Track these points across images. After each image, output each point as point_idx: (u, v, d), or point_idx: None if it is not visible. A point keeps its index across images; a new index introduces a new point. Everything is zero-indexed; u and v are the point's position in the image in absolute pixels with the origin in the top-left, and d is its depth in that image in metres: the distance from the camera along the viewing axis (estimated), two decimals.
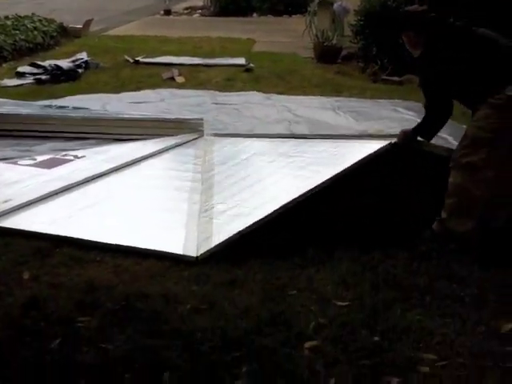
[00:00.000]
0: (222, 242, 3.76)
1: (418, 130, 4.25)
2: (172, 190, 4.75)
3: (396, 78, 8.64)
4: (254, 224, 3.84)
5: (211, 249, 3.72)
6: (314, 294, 3.36)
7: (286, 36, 12.92)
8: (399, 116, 6.74)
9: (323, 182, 4.04)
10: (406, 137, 4.26)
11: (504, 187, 3.88)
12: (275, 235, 3.90)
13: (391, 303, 3.26)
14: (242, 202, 4.23)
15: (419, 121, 4.38)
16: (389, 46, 8.94)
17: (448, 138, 5.85)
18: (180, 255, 3.72)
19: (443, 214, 3.96)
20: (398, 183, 4.33)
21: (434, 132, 4.24)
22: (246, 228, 3.81)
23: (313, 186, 4.03)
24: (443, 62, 3.96)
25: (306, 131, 6.09)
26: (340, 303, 3.28)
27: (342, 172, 4.09)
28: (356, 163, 4.12)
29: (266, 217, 3.88)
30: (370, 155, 4.16)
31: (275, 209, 3.92)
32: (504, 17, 7.41)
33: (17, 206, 4.30)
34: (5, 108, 6.51)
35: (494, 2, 7.77)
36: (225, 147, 5.51)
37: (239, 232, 3.79)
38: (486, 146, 3.82)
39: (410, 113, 6.79)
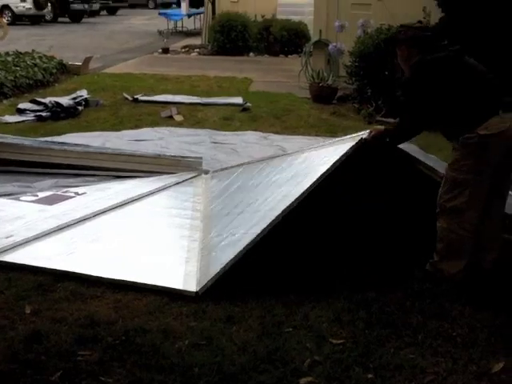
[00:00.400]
0: (215, 276, 3.80)
1: (390, 133, 4.33)
2: (172, 227, 4.85)
3: (391, 120, 8.78)
4: (239, 253, 3.87)
5: (207, 283, 3.78)
6: (310, 332, 3.45)
7: (283, 76, 13.14)
8: None
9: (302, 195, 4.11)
10: (378, 136, 4.30)
11: (488, 226, 4.00)
12: (269, 264, 4.05)
13: (384, 341, 3.36)
14: (234, 229, 4.29)
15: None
16: (383, 87, 9.15)
17: None
18: (180, 290, 3.80)
19: (435, 257, 4.07)
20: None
21: (403, 140, 4.40)
22: (233, 258, 3.84)
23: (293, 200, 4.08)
24: (428, 84, 4.04)
25: None
26: (335, 341, 3.36)
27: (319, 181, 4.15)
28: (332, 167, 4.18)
29: (251, 242, 3.91)
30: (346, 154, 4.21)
31: (258, 233, 3.96)
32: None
33: (19, 241, 4.40)
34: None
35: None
36: (219, 181, 5.64)
37: (226, 264, 3.83)
38: (467, 187, 3.93)
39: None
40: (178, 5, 31.70)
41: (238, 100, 10.04)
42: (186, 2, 24.06)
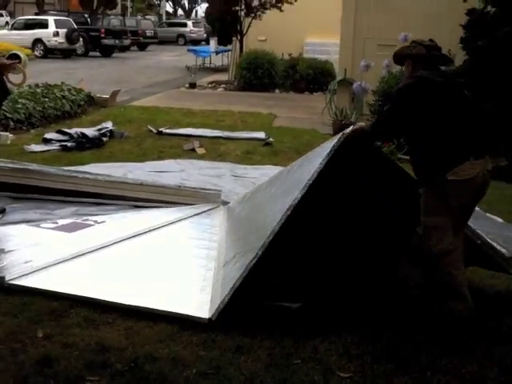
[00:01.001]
0: (225, 300, 3.79)
1: (373, 131, 4.18)
2: (189, 256, 4.88)
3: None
4: (241, 276, 3.84)
5: (218, 308, 3.78)
6: (318, 364, 3.44)
7: (306, 112, 13.27)
8: None
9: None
10: (358, 130, 4.20)
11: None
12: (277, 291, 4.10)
13: (392, 376, 3.34)
14: (238, 254, 4.28)
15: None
16: None
17: None
18: (193, 317, 3.81)
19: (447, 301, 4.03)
20: None
21: (374, 140, 4.45)
22: (238, 279, 3.83)
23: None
24: (416, 101, 3.93)
25: None
26: (343, 374, 3.36)
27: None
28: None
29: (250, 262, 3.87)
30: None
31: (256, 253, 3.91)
32: None
33: (36, 266, 4.46)
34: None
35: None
36: (233, 211, 5.72)
37: (234, 288, 3.82)
38: (448, 229, 3.92)
39: None
40: (207, 42, 32.33)
41: (261, 135, 10.14)
42: (215, 39, 24.50)
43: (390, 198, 4.44)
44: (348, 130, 4.23)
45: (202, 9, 69.38)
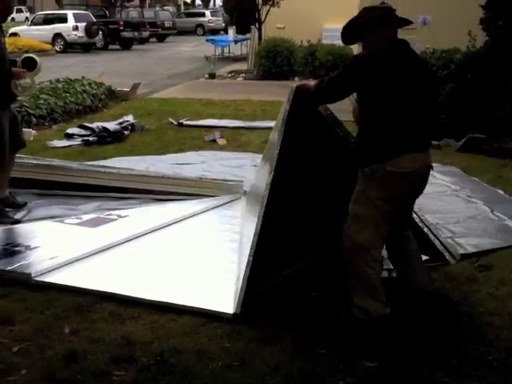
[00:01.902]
0: (244, 294, 3.80)
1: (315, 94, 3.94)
2: (212, 249, 4.90)
3: (434, 142, 8.71)
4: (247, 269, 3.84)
5: (242, 303, 3.79)
6: (343, 353, 3.44)
7: None
8: (433, 181, 6.74)
9: None
10: (303, 87, 4.08)
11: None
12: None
13: (419, 366, 3.32)
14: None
15: None
16: None
17: (479, 202, 5.94)
18: (218, 312, 3.83)
19: (354, 297, 3.78)
20: None
21: (316, 102, 4.11)
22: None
23: None
24: (366, 77, 3.65)
25: None
26: (368, 363, 3.35)
27: None
28: None
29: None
30: None
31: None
32: None
33: (62, 262, 4.51)
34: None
35: None
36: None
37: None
38: (370, 223, 3.66)
39: (446, 178, 6.88)
40: (226, 31, 32.26)
41: None
42: (233, 28, 24.45)
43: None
44: (294, 85, 4.07)
45: None
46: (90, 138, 8.87)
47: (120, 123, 9.63)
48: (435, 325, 3.72)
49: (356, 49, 14.11)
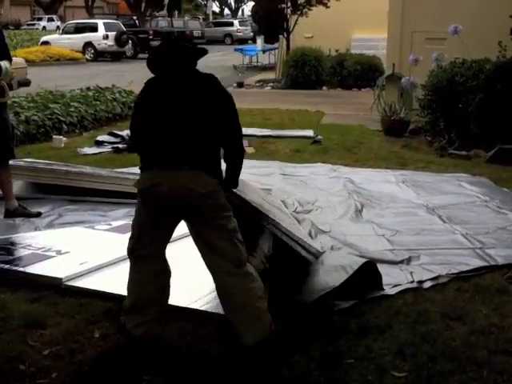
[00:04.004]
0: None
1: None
2: None
3: (463, 153, 8.68)
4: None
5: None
6: (372, 364, 3.42)
7: (355, 109, 13.18)
8: (463, 191, 6.77)
9: None
10: None
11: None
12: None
13: (448, 375, 3.30)
14: None
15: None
16: (456, 120, 9.06)
17: (509, 213, 5.90)
18: None
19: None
20: None
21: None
22: None
23: None
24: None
25: (364, 202, 6.38)
26: (397, 374, 3.33)
27: None
28: None
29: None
30: None
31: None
32: None
33: (91, 268, 4.56)
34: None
35: None
36: None
37: None
38: (139, 236, 3.66)
39: (475, 188, 6.83)
40: (254, 41, 32.38)
41: (309, 132, 10.12)
42: (262, 38, 24.54)
43: None
44: None
45: (248, 7, 69.67)
46: (120, 146, 8.95)
47: None
48: (466, 336, 3.69)
49: (385, 60, 14.09)
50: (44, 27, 53.95)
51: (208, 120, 3.48)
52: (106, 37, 29.74)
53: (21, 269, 4.55)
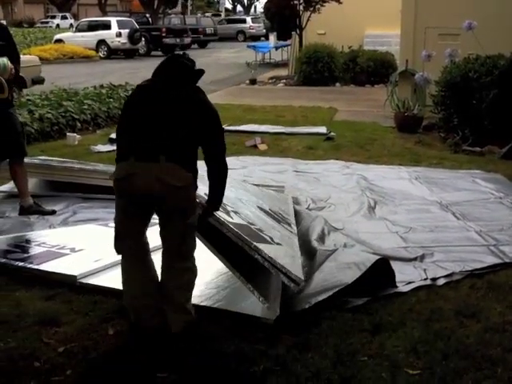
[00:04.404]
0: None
1: None
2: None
3: (477, 149, 8.64)
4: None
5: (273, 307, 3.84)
6: (386, 361, 3.42)
7: (368, 105, 13.15)
8: (477, 188, 6.74)
9: None
10: None
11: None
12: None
13: (462, 373, 3.29)
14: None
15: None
16: (470, 116, 9.01)
17: None
18: (259, 317, 3.85)
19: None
20: None
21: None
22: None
23: None
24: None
25: (377, 199, 6.37)
26: (411, 371, 3.33)
27: None
28: None
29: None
30: None
31: None
32: None
33: (106, 265, 4.58)
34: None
35: None
36: None
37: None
38: (122, 228, 3.74)
39: (489, 185, 6.80)
40: (266, 37, 32.36)
41: (322, 129, 10.11)
42: (274, 34, 24.51)
43: None
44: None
45: (260, 4, 69.73)
46: None
47: None
48: (480, 334, 3.67)
49: (398, 56, 14.04)
50: (57, 25, 54.18)
51: (190, 123, 3.55)
52: (119, 34, 29.81)
53: (35, 266, 4.59)
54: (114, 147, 8.64)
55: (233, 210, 4.34)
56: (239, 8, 79.72)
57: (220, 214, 3.94)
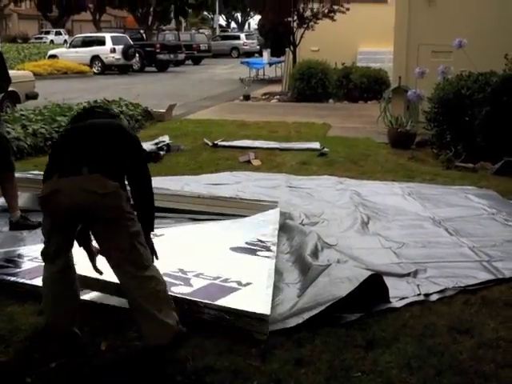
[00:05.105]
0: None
1: None
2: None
3: (470, 165, 8.67)
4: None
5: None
6: (379, 377, 3.41)
7: (361, 122, 13.20)
8: (469, 204, 6.75)
9: None
10: None
11: None
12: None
13: None
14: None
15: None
16: (463, 132, 9.06)
17: None
18: (251, 332, 3.83)
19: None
20: None
21: None
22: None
23: None
24: None
25: (370, 214, 6.38)
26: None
27: None
28: None
29: None
30: None
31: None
32: None
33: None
34: None
35: None
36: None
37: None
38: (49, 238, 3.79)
39: (482, 201, 6.81)
40: (260, 54, 32.52)
41: (316, 145, 10.13)
42: (268, 51, 24.64)
43: None
44: None
45: (254, 21, 70.06)
46: None
47: (156, 143, 9.74)
48: (473, 350, 3.67)
49: (391, 72, 14.12)
50: (52, 41, 54.34)
51: (111, 146, 3.71)
52: (113, 50, 29.90)
53: (28, 281, 4.55)
54: None
55: (194, 274, 4.52)
56: (233, 25, 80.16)
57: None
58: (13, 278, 4.61)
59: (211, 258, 4.99)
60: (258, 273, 4.62)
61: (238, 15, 79.25)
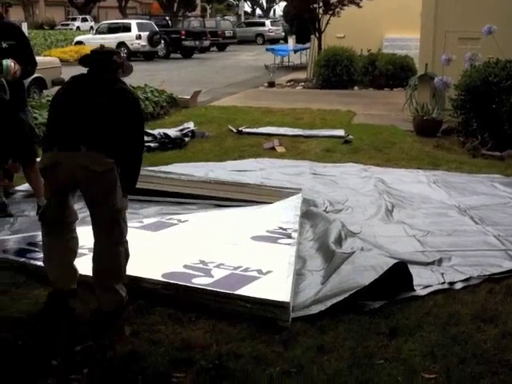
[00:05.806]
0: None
1: None
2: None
3: (497, 153, 8.57)
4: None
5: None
6: (402, 365, 3.41)
7: (386, 109, 13.10)
8: (495, 192, 6.69)
9: None
10: None
11: None
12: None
13: (479, 377, 3.27)
14: None
15: None
16: (490, 120, 8.96)
17: None
18: (275, 319, 3.84)
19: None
20: None
21: None
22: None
23: None
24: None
25: (395, 202, 6.33)
26: (427, 375, 3.32)
27: None
28: None
29: None
30: None
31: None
32: None
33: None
34: None
35: None
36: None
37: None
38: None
39: (508, 189, 6.75)
40: (285, 40, 32.38)
41: (340, 132, 10.09)
42: (293, 38, 24.51)
43: None
44: None
45: (280, 7, 69.80)
46: (152, 144, 9.00)
47: (181, 130, 9.76)
48: (497, 338, 3.64)
49: (417, 59, 13.98)
50: (78, 27, 54.54)
51: (111, 116, 3.82)
52: (138, 37, 29.96)
53: None
54: None
55: (215, 265, 4.56)
56: (258, 11, 79.85)
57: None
58: (39, 263, 4.66)
59: (232, 248, 5.00)
60: (278, 261, 4.63)
61: (264, 1, 78.94)
